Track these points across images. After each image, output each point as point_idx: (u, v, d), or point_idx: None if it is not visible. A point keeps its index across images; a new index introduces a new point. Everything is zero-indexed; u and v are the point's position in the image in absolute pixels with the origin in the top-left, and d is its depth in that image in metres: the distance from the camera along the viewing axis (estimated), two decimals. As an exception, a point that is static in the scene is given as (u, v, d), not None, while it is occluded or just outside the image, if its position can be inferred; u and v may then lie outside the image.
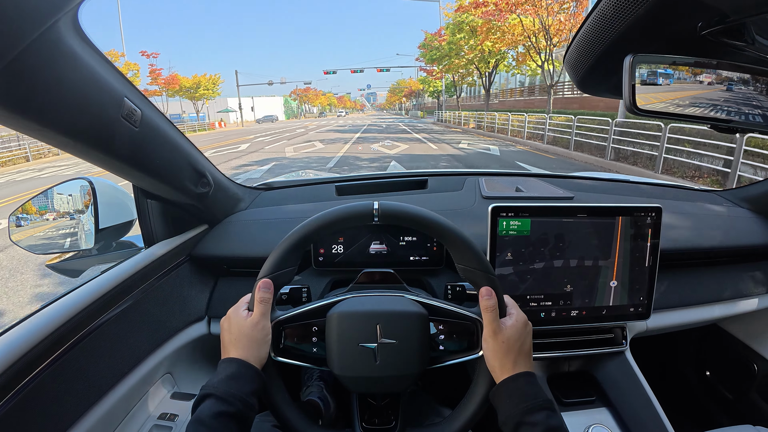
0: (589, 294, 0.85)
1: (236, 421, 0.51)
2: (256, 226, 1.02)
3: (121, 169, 0.67)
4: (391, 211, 0.60)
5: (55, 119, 0.50)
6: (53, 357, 0.60)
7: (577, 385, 0.93)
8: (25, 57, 0.43)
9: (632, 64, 0.48)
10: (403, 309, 0.60)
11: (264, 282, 0.58)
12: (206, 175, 0.87)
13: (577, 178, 1.35)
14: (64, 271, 0.98)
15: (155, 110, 0.69)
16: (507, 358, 0.56)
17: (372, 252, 0.96)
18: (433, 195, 1.18)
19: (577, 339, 0.91)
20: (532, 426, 0.51)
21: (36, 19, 0.42)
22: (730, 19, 0.44)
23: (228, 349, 0.57)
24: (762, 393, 1.17)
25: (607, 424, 0.82)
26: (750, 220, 1.11)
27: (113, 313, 0.72)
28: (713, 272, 1.07)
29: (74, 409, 0.64)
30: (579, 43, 0.57)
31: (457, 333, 0.62)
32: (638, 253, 0.84)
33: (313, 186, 1.25)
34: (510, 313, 0.60)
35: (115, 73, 0.58)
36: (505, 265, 0.82)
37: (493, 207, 0.79)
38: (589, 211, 0.81)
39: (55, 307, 0.63)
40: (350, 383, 0.61)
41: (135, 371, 0.78)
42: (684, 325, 1.05)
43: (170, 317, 0.88)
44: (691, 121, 0.53)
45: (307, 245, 0.61)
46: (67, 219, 0.94)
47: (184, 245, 0.93)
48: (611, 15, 0.48)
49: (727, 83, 0.51)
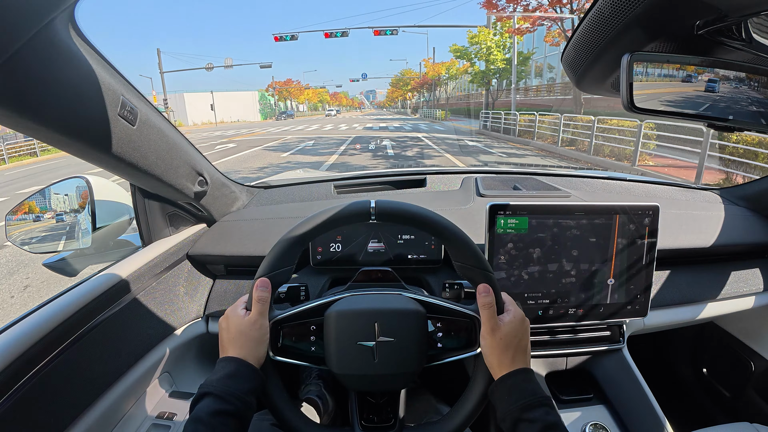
0: (586, 292, 0.85)
1: (234, 419, 0.51)
2: (253, 224, 1.02)
3: (118, 167, 0.67)
4: (389, 210, 0.60)
5: (52, 117, 0.50)
6: (51, 356, 0.60)
7: (574, 382, 0.93)
8: (22, 55, 0.43)
9: (630, 62, 0.48)
10: (401, 307, 0.60)
11: (262, 281, 0.58)
12: (204, 173, 0.87)
13: (574, 176, 1.35)
14: (61, 271, 0.98)
15: (153, 108, 0.69)
16: (505, 355, 0.57)
17: (370, 250, 0.96)
18: (431, 193, 1.18)
19: (574, 337, 0.91)
20: (531, 422, 0.52)
21: (33, 17, 0.42)
22: (727, 18, 0.44)
23: (226, 349, 0.57)
24: (759, 390, 1.17)
25: (605, 422, 0.82)
26: (747, 218, 1.12)
27: (111, 312, 0.72)
28: (710, 270, 1.07)
29: (72, 407, 0.64)
30: (577, 42, 0.57)
31: (455, 330, 0.62)
32: (635, 251, 0.84)
33: (310, 185, 1.25)
34: (507, 310, 0.60)
35: (112, 71, 0.58)
36: (503, 263, 0.82)
37: (491, 205, 0.79)
38: (586, 209, 0.81)
39: (53, 307, 0.63)
40: (349, 381, 0.61)
41: (133, 370, 0.77)
42: (681, 323, 1.05)
43: (168, 316, 0.88)
44: (689, 120, 0.53)
45: (305, 244, 0.61)
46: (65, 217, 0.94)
47: (182, 244, 0.93)
48: (609, 14, 0.48)
49: (724, 82, 0.51)
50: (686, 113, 0.52)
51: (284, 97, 71.00)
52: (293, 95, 73.30)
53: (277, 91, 66.37)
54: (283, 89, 68.03)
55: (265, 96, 65.55)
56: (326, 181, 1.25)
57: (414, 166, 9.22)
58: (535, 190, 1.14)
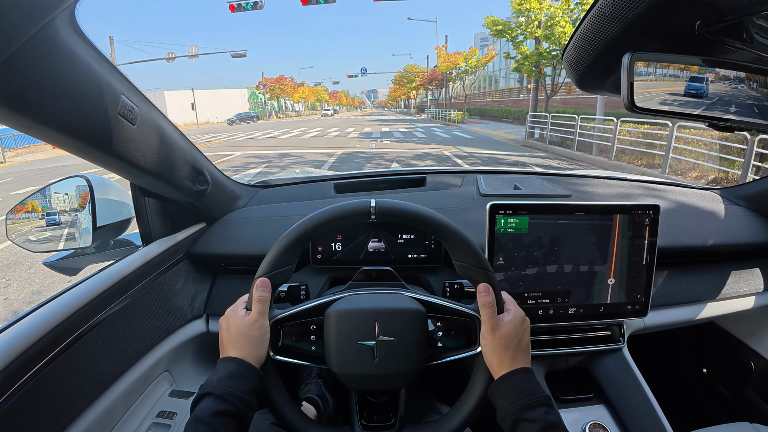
0: (586, 292, 0.85)
1: (235, 419, 0.51)
2: (254, 223, 1.02)
3: (118, 166, 0.67)
4: (389, 209, 0.60)
5: (52, 117, 0.50)
6: (52, 355, 0.60)
7: (574, 382, 0.93)
8: (22, 54, 0.43)
9: (631, 62, 0.48)
10: (401, 306, 0.60)
11: (262, 281, 0.58)
12: (204, 172, 0.87)
13: (575, 176, 1.35)
14: (61, 270, 0.98)
15: (153, 107, 0.69)
16: (505, 355, 0.57)
17: (370, 250, 0.96)
18: (432, 193, 1.18)
19: (574, 336, 0.91)
20: (531, 422, 0.52)
21: (33, 16, 0.42)
22: (728, 17, 0.44)
23: (227, 349, 0.57)
24: (758, 390, 1.17)
25: (605, 421, 0.82)
26: (748, 218, 1.12)
27: (111, 311, 0.72)
28: (711, 270, 1.07)
29: (73, 406, 0.64)
30: (577, 42, 0.57)
31: (455, 330, 0.62)
32: (636, 251, 0.84)
33: (310, 184, 1.25)
34: (508, 310, 0.60)
35: (112, 70, 0.58)
36: (503, 263, 0.82)
37: (492, 205, 0.79)
38: (587, 209, 0.81)
39: (53, 306, 0.63)
40: (349, 381, 0.61)
41: (133, 369, 0.78)
42: (681, 323, 1.05)
43: (168, 315, 0.88)
44: (690, 120, 0.53)
45: (305, 243, 0.61)
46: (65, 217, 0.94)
47: (182, 243, 0.93)
48: (610, 13, 0.48)
49: (725, 82, 0.51)
50: (687, 113, 0.52)
51: (276, 95, 61.66)
52: (286, 93, 64.00)
53: (267, 89, 55.49)
54: (274, 86, 57.98)
55: (255, 94, 58.76)
56: (326, 181, 1.25)
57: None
58: (536, 189, 1.13)
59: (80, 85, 0.52)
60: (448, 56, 25.97)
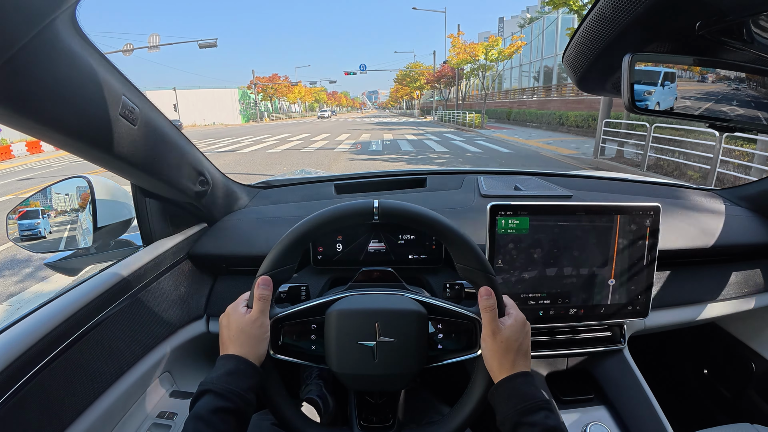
0: (587, 293, 0.85)
1: (234, 416, 0.51)
2: (254, 224, 1.02)
3: (119, 167, 0.67)
4: (392, 210, 0.60)
5: (53, 118, 0.50)
6: (52, 355, 0.60)
7: (575, 383, 0.93)
8: (23, 55, 0.43)
9: (631, 62, 0.48)
10: (401, 307, 0.60)
11: (263, 279, 0.59)
12: (205, 173, 0.87)
13: (575, 176, 1.35)
14: (62, 270, 0.98)
15: (154, 108, 0.69)
16: (505, 358, 0.57)
17: (371, 250, 0.96)
18: (432, 193, 1.18)
19: (575, 337, 0.91)
20: (530, 426, 0.51)
21: (34, 17, 0.42)
22: (728, 18, 0.44)
23: (227, 346, 0.57)
24: (759, 391, 1.17)
25: (605, 423, 0.82)
26: (748, 218, 1.11)
27: (112, 311, 0.72)
28: (711, 271, 1.07)
29: (73, 407, 0.64)
30: (578, 42, 0.57)
31: (455, 332, 0.62)
32: (636, 251, 0.84)
33: (311, 184, 1.25)
34: (509, 313, 0.60)
35: (113, 71, 0.58)
36: (504, 264, 0.82)
37: (492, 205, 0.79)
38: (587, 210, 0.81)
39: (54, 306, 0.63)
40: (348, 381, 0.61)
41: (134, 369, 0.78)
42: (682, 324, 1.05)
43: (169, 316, 0.88)
44: (690, 120, 0.53)
45: (307, 243, 0.61)
46: (65, 217, 0.94)
47: (183, 244, 0.93)
48: (610, 14, 0.48)
49: (726, 82, 0.51)
50: (687, 113, 0.52)
51: (269, 95, 57.22)
52: (280, 93, 58.85)
53: (260, 89, 51.08)
54: (267, 86, 53.16)
55: (247, 94, 53.31)
56: (327, 181, 1.25)
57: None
58: (536, 190, 1.13)
59: (81, 86, 0.52)
60: (464, 46, 20.75)
